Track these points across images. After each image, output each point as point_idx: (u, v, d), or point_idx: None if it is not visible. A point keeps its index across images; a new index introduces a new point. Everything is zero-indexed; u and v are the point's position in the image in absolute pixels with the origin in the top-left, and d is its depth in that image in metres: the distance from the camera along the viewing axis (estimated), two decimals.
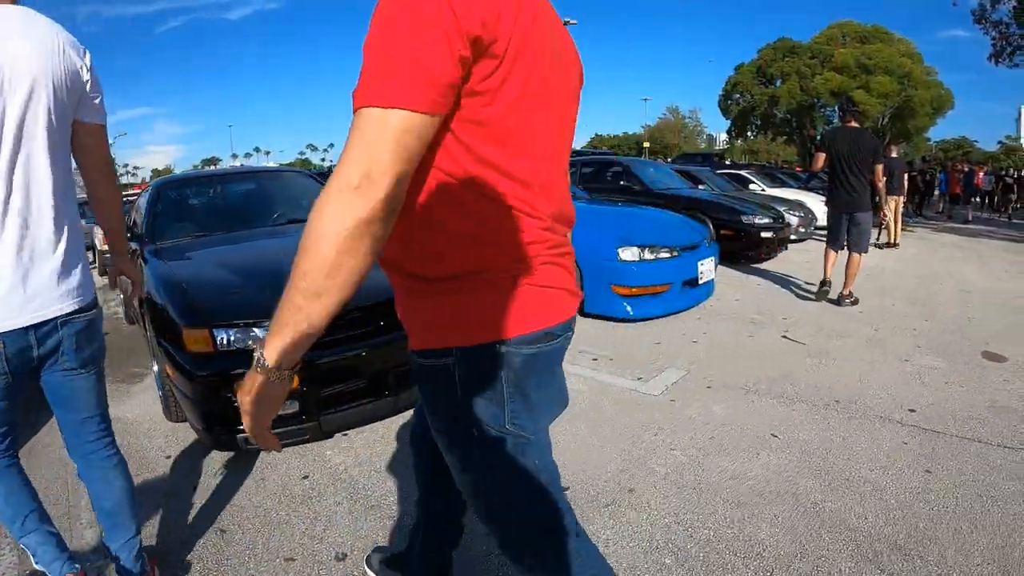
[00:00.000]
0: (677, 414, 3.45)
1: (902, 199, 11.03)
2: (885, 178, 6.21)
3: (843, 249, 5.93)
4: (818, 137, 39.56)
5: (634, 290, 5.16)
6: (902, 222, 11.02)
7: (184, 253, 3.69)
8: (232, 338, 2.69)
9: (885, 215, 6.24)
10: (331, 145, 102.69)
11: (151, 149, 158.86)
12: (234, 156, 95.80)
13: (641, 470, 2.84)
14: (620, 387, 3.90)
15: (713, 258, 5.75)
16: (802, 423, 3.31)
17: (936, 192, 19.40)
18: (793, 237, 10.50)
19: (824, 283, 6.06)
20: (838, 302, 5.89)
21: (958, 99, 37.41)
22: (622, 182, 8.97)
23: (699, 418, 3.39)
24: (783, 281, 7.16)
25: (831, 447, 3.03)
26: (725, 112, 44.55)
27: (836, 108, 7.81)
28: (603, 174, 9.57)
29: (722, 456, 2.96)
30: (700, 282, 5.53)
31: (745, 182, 14.26)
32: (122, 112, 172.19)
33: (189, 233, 4.20)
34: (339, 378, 2.85)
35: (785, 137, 44.26)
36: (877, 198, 5.82)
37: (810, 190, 14.74)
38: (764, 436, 3.16)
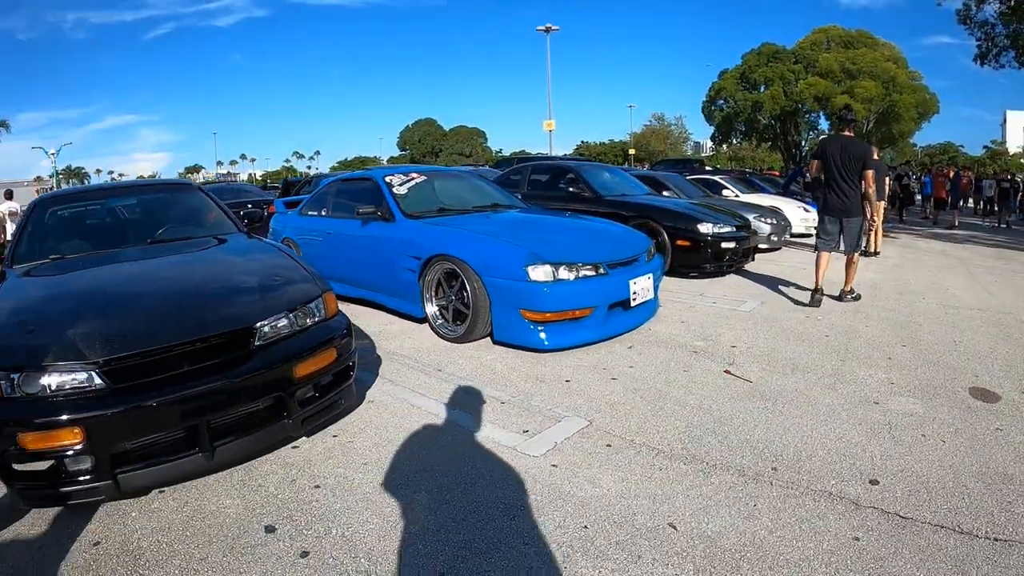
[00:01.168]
0: (552, 488, 2.58)
1: (882, 204, 10.17)
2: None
3: (836, 251, 5.97)
4: (802, 143, 39.16)
5: (547, 316, 4.27)
6: (882, 229, 10.14)
7: (30, 278, 3.47)
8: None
9: (874, 221, 6.09)
10: (317, 152, 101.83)
11: (137, 157, 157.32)
12: (219, 163, 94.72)
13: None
14: (496, 443, 3.02)
15: (652, 275, 4.88)
16: (718, 505, 2.43)
17: (919, 196, 18.62)
18: (764, 246, 9.70)
19: (817, 291, 5.91)
20: (840, 298, 6.07)
21: (943, 104, 37.01)
22: (571, 189, 8.12)
23: (577, 495, 2.52)
24: (742, 298, 6.29)
25: (748, 547, 2.15)
26: (709, 118, 43.99)
27: (835, 117, 7.05)
28: (552, 181, 8.71)
29: (588, 560, 2.08)
30: (634, 304, 4.66)
31: (718, 188, 13.48)
32: (109, 119, 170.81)
33: (53, 255, 3.84)
34: (139, 430, 2.47)
35: (769, 143, 43.70)
36: (867, 204, 5.81)
37: (789, 196, 13.99)
38: (657, 527, 2.28)
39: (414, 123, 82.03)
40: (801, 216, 12.44)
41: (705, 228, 7.09)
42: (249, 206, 11.62)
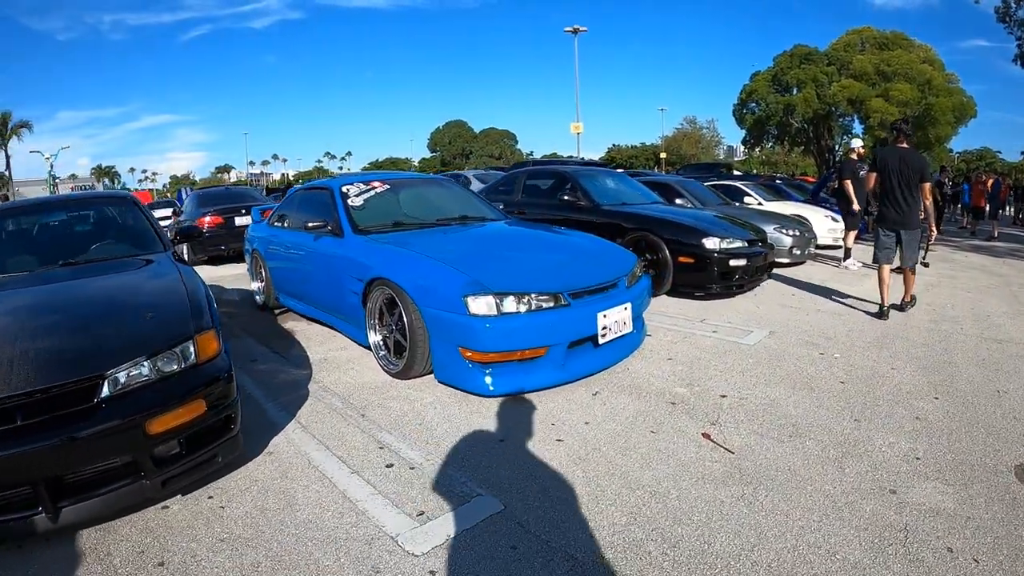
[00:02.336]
0: None
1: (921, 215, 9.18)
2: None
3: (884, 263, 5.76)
4: (836, 148, 37.54)
5: (490, 356, 3.51)
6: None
7: None
8: None
9: (933, 231, 6.19)
10: (349, 153, 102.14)
11: (173, 156, 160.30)
12: (251, 163, 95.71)
13: None
14: (378, 530, 2.34)
15: (631, 304, 4.07)
16: None
17: (958, 205, 17.12)
18: (785, 260, 8.76)
19: (884, 309, 5.71)
20: (902, 308, 5.90)
21: (979, 109, 35.04)
22: (566, 197, 7.31)
23: None
24: (749, 326, 5.42)
25: None
26: (740, 121, 42.59)
27: (891, 129, 6.19)
28: (546, 189, 7.93)
29: None
30: (603, 341, 3.85)
31: (740, 195, 12.51)
32: (145, 118, 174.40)
33: None
34: None
35: (802, 148, 42.11)
36: (924, 216, 5.75)
37: (818, 203, 12.94)
38: None
39: (444, 125, 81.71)
40: (828, 226, 11.43)
41: (711, 243, 6.22)
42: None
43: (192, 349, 2.61)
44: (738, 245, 6.36)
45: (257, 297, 6.72)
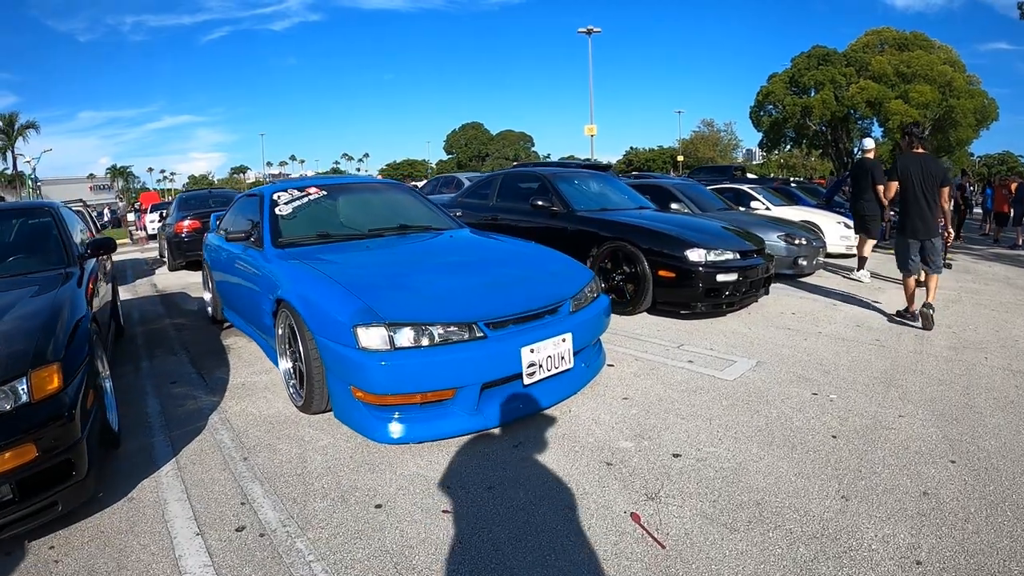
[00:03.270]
0: None
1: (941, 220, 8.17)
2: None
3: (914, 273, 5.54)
4: (854, 151, 36.20)
5: (385, 399, 2.85)
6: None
7: None
8: None
9: (950, 234, 5.92)
10: (366, 155, 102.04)
11: (194, 156, 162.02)
12: (268, 164, 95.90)
13: None
14: None
15: (570, 336, 3.34)
16: None
17: (979, 210, 15.89)
18: (788, 272, 7.93)
19: (907, 313, 5.62)
20: (924, 315, 5.41)
21: (1001, 112, 33.49)
22: (539, 202, 6.54)
23: None
24: (733, 355, 4.63)
25: None
26: (757, 124, 41.40)
27: (904, 134, 5.49)
28: (520, 193, 7.19)
29: None
30: (531, 380, 3.13)
31: (747, 199, 11.65)
32: (166, 118, 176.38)
33: None
34: None
35: (820, 151, 40.81)
36: (942, 220, 5.61)
37: (832, 208, 12.04)
38: None
39: (460, 127, 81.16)
40: (841, 234, 10.58)
41: (696, 255, 5.43)
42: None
43: (25, 386, 2.30)
44: (729, 257, 5.56)
45: (208, 309, 6.20)
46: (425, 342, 2.83)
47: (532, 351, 3.09)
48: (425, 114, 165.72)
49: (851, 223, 10.06)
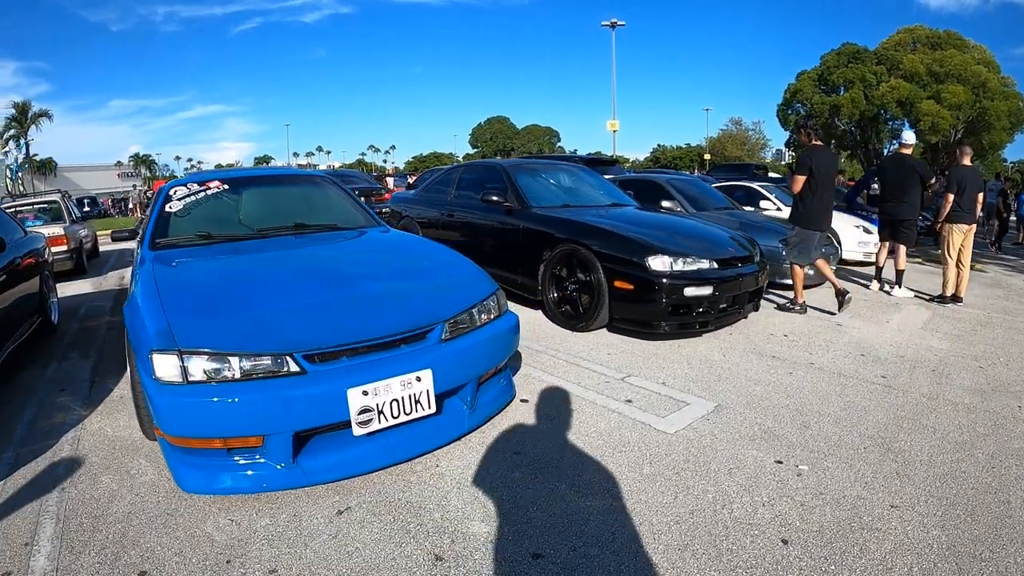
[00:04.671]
0: None
1: (974, 228, 6.72)
2: (952, 196, 6.28)
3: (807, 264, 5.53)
4: (885, 152, 34.31)
5: (185, 441, 2.29)
6: (969, 265, 6.73)
7: None
8: None
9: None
10: (393, 147, 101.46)
11: (224, 145, 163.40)
12: (295, 155, 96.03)
13: None
14: None
15: (430, 372, 2.45)
16: None
17: (1013, 218, 14.16)
18: (791, 282, 6.78)
19: (796, 304, 5.63)
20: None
21: None
22: (494, 198, 5.55)
23: None
24: (687, 395, 3.60)
25: None
26: (784, 123, 39.65)
27: (796, 128, 5.11)
28: (478, 186, 6.18)
29: None
30: (367, 431, 2.36)
31: (757, 198, 10.47)
32: (197, 108, 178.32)
33: None
34: None
35: (848, 151, 38.92)
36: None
37: (853, 211, 10.73)
38: None
39: (486, 121, 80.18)
40: (859, 239, 9.37)
41: (658, 263, 4.37)
42: None
43: None
44: (703, 267, 4.49)
45: None
46: (228, 375, 2.23)
47: (365, 393, 2.31)
48: (452, 107, 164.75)
49: (872, 228, 8.81)
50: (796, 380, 3.82)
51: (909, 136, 7.03)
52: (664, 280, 4.29)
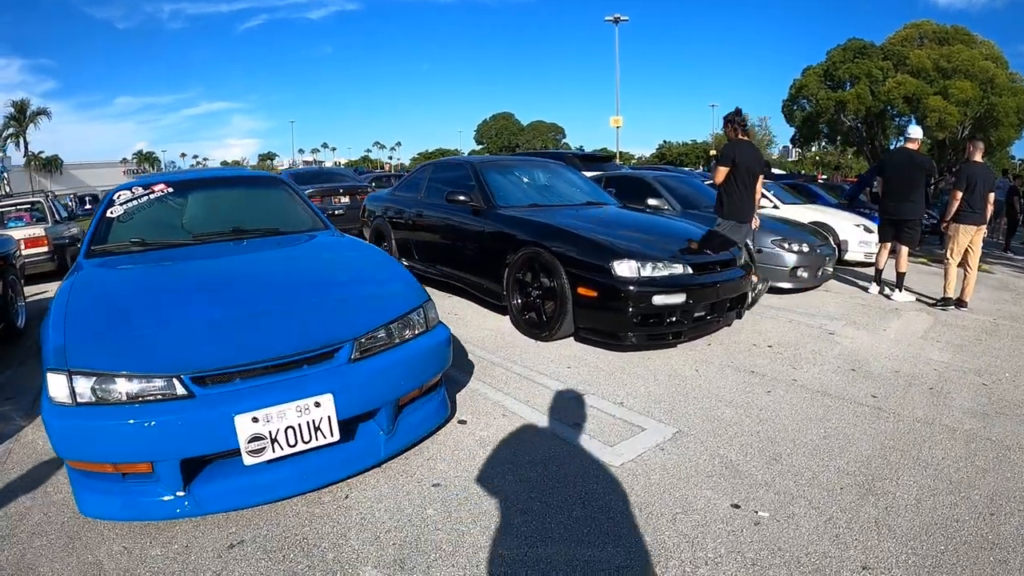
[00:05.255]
0: None
1: (983, 229, 6.18)
2: (960, 194, 5.85)
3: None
4: (891, 148, 33.61)
5: (80, 464, 2.16)
6: (976, 267, 6.24)
7: None
8: None
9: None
10: (398, 143, 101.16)
11: (230, 142, 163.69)
12: (300, 151, 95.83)
13: None
14: None
15: (331, 396, 2.20)
16: None
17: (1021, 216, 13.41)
18: (786, 285, 6.40)
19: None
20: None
21: None
22: (460, 197, 5.14)
23: None
24: (650, 417, 3.19)
25: None
26: (789, 119, 38.93)
27: (725, 122, 5.28)
28: (445, 185, 5.78)
29: None
30: (257, 461, 2.12)
31: None
32: (203, 104, 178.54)
33: None
34: None
35: (854, 148, 38.20)
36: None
37: (855, 209, 10.25)
38: None
39: (491, 117, 79.69)
40: (860, 238, 8.92)
41: (624, 268, 3.95)
42: None
43: None
44: (675, 272, 4.07)
45: None
46: (115, 397, 2.07)
47: (255, 420, 2.08)
48: (458, 103, 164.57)
49: (873, 227, 8.34)
50: (774, 401, 3.39)
51: (915, 131, 6.53)
52: (630, 287, 3.87)
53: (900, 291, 6.38)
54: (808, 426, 3.05)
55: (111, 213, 3.58)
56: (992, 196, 6.09)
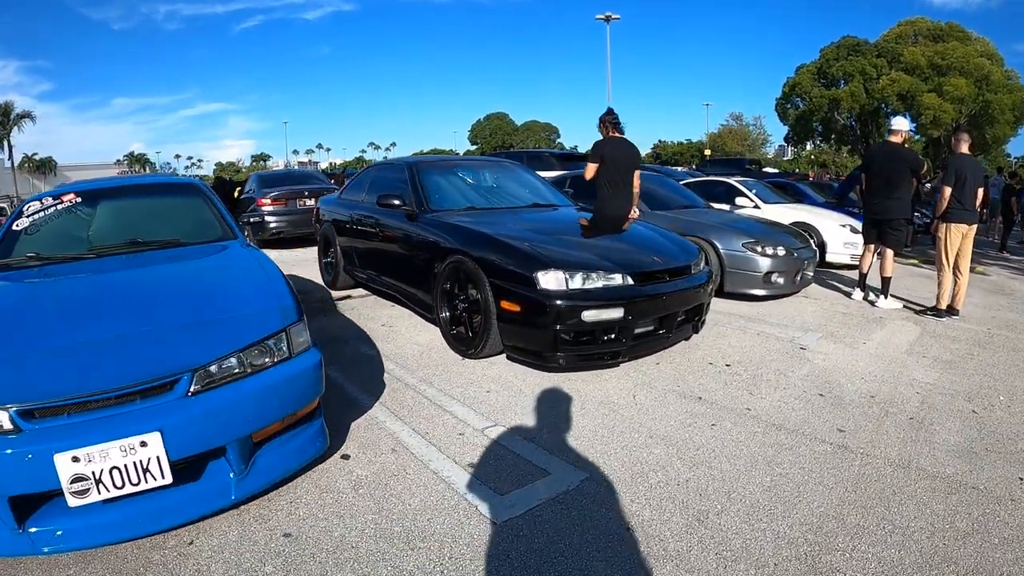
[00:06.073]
0: None
1: (975, 228, 5.55)
2: (949, 190, 5.31)
3: None
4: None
5: None
6: (967, 276, 5.57)
7: None
8: None
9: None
10: (393, 144, 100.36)
11: (226, 143, 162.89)
12: (294, 152, 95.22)
13: None
14: None
15: (159, 434, 1.93)
16: None
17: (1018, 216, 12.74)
18: (759, 292, 5.86)
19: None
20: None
21: None
22: (395, 201, 4.60)
23: None
24: (559, 460, 2.63)
25: None
26: (783, 117, 38.51)
27: (601, 122, 4.73)
28: (385, 187, 5.23)
29: None
30: (84, 503, 1.86)
31: (732, 195, 9.48)
32: (199, 105, 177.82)
33: None
34: None
35: (848, 146, 37.70)
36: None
37: (843, 208, 9.68)
38: None
39: (485, 117, 79.09)
40: (844, 239, 8.36)
41: (549, 280, 3.38)
42: None
43: None
44: (613, 283, 3.49)
45: None
46: None
47: (76, 460, 1.85)
48: (453, 103, 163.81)
49: (858, 227, 7.75)
50: (716, 436, 2.83)
51: (899, 122, 5.94)
52: (556, 301, 3.30)
53: (885, 297, 5.82)
54: (752, 472, 2.48)
55: (17, 226, 3.38)
56: (981, 192, 5.52)
